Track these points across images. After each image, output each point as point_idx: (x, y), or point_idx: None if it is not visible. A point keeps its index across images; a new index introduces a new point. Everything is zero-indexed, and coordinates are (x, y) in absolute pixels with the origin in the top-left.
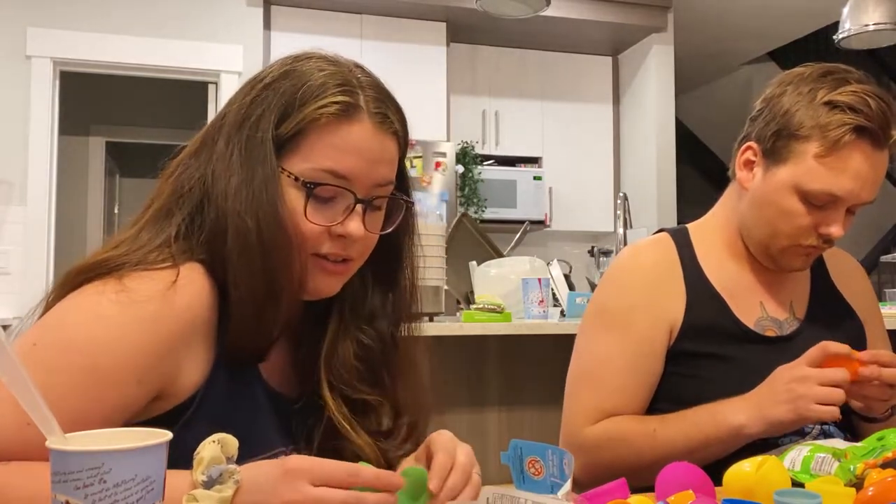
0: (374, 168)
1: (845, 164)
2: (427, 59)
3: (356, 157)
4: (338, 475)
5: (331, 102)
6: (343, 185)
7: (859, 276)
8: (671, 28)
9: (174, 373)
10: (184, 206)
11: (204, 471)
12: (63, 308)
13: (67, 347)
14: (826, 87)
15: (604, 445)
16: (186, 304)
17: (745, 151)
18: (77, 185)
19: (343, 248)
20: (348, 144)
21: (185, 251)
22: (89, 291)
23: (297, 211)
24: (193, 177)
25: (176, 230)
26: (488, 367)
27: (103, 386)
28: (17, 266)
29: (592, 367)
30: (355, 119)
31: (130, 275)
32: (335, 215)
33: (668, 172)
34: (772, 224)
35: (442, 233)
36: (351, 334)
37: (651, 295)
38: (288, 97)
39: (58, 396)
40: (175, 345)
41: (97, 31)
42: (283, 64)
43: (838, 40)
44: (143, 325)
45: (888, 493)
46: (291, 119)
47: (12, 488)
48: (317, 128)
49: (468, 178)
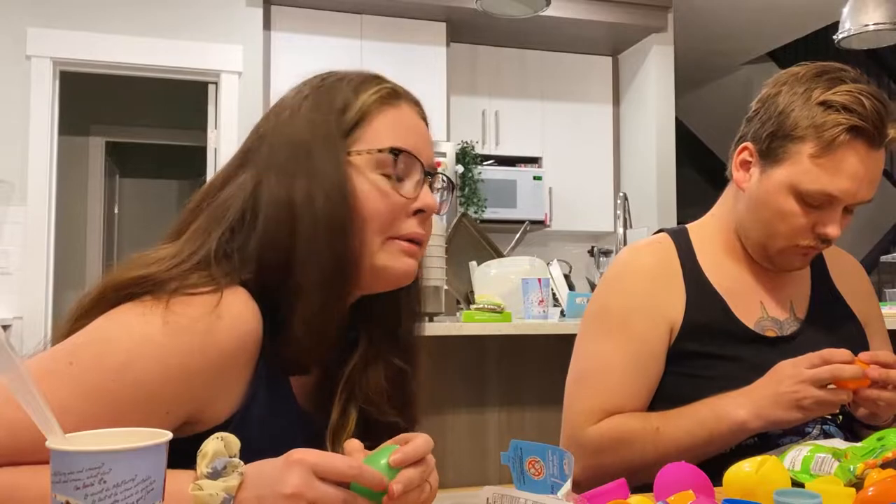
0: (427, 146)
1: (840, 165)
2: (427, 59)
3: (415, 135)
4: (340, 468)
5: (381, 87)
6: (416, 156)
7: (860, 276)
8: (671, 28)
9: (206, 403)
10: (224, 221)
11: (209, 464)
12: (105, 328)
13: (104, 374)
14: (821, 87)
15: (606, 445)
16: (228, 331)
17: (741, 152)
18: (77, 185)
19: (420, 225)
20: (405, 124)
21: (227, 273)
22: (133, 313)
23: (371, 194)
24: (239, 193)
25: (216, 245)
26: (488, 367)
27: (130, 418)
28: (17, 266)
29: (593, 367)
30: (402, 102)
31: (174, 299)
32: (407, 193)
33: (668, 172)
34: (769, 225)
35: (442, 233)
36: (384, 357)
37: (651, 295)
38: (341, 94)
39: (81, 419)
40: (213, 376)
41: (97, 31)
42: (312, 81)
43: (838, 40)
44: (184, 357)
45: (888, 493)
46: (352, 108)
47: (22, 489)
48: (376, 112)
49: (468, 178)
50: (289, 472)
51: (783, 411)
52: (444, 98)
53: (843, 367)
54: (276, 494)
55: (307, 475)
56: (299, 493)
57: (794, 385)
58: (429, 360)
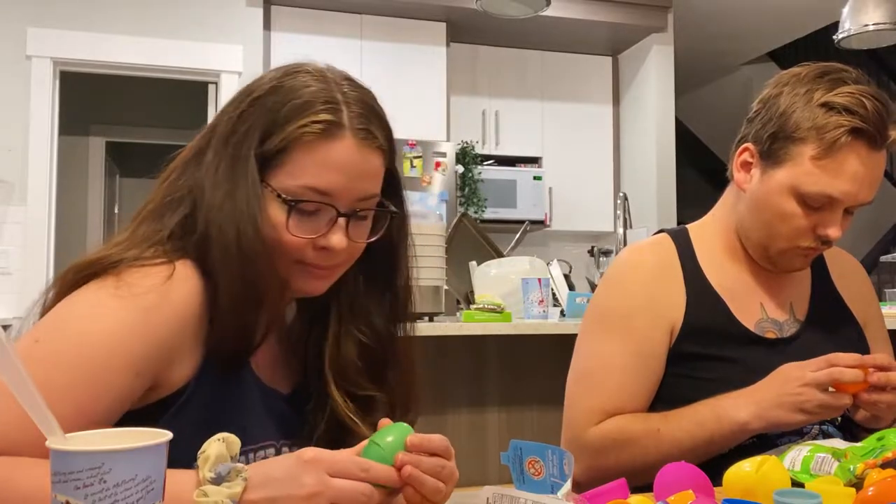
0: (357, 183)
1: (842, 166)
2: (427, 59)
3: (338, 174)
4: (351, 469)
5: (312, 122)
6: (325, 201)
7: (860, 277)
8: (671, 28)
9: (168, 363)
10: (177, 211)
11: (211, 468)
12: (64, 306)
13: (68, 342)
14: (822, 89)
15: (608, 446)
16: (181, 297)
17: (742, 153)
18: (77, 185)
19: (326, 259)
20: (330, 162)
21: (178, 249)
22: (89, 288)
23: (280, 224)
24: (185, 184)
25: (170, 232)
26: (488, 367)
27: (103, 379)
28: (17, 266)
29: (593, 368)
30: (338, 137)
31: (128, 270)
32: (318, 228)
33: (668, 172)
34: (769, 226)
35: (442, 233)
36: (352, 334)
37: (651, 295)
38: (273, 114)
39: (61, 391)
40: (170, 336)
41: (97, 31)
42: (273, 78)
43: (838, 40)
44: (140, 315)
45: (888, 493)
46: (276, 136)
47: (14, 484)
48: (300, 146)
49: (468, 178)
50: (304, 473)
51: (786, 413)
52: (444, 98)
53: (843, 371)
54: (293, 496)
55: (322, 474)
56: (318, 493)
57: (797, 388)
58: (424, 352)
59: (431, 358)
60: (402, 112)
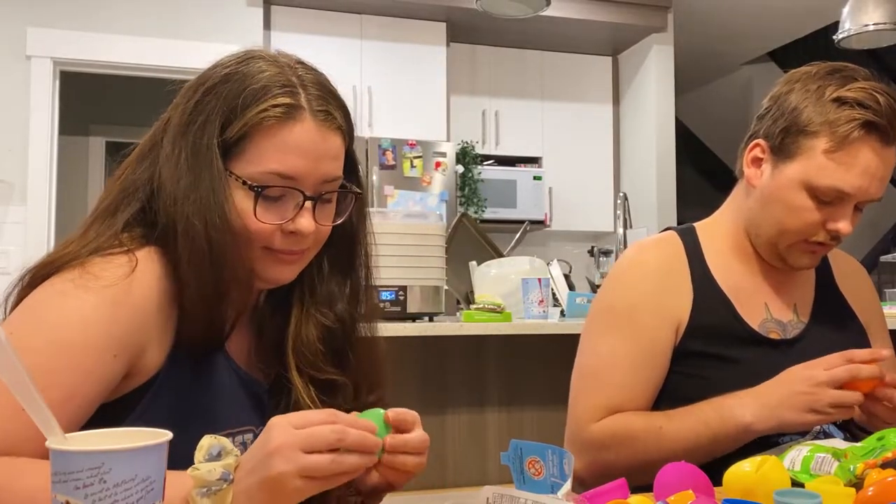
0: (320, 165)
1: (854, 160)
2: (427, 59)
3: (301, 157)
4: (327, 438)
5: (272, 105)
6: (290, 185)
7: (862, 279)
8: (671, 28)
9: (140, 349)
10: (130, 205)
11: (205, 455)
12: (32, 299)
13: (43, 330)
14: (834, 84)
15: (609, 443)
16: (147, 284)
17: (752, 149)
18: (77, 185)
19: (295, 243)
20: (292, 145)
21: (136, 238)
22: (54, 282)
23: (247, 212)
24: (141, 178)
25: (122, 225)
26: (488, 367)
27: (84, 362)
28: (17, 266)
29: (598, 365)
30: (297, 119)
31: (90, 260)
32: (285, 213)
33: (668, 172)
34: (780, 220)
35: (442, 233)
36: (313, 318)
37: (657, 293)
38: (231, 102)
39: (47, 377)
40: (141, 320)
41: (97, 31)
42: (225, 66)
43: (838, 40)
44: (108, 302)
45: (888, 493)
46: (235, 124)
47: (15, 485)
48: (260, 131)
49: (468, 178)
50: (273, 456)
51: (796, 414)
52: (444, 98)
53: (861, 367)
54: (262, 478)
55: (293, 452)
56: (285, 472)
57: (809, 387)
58: (424, 352)
59: (431, 358)
60: (402, 112)
